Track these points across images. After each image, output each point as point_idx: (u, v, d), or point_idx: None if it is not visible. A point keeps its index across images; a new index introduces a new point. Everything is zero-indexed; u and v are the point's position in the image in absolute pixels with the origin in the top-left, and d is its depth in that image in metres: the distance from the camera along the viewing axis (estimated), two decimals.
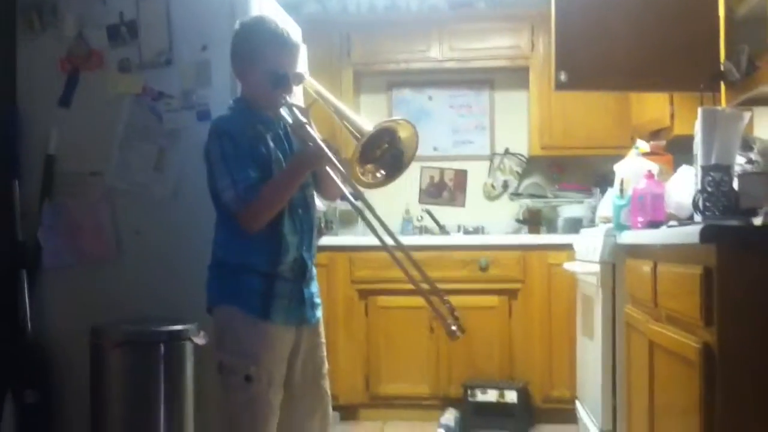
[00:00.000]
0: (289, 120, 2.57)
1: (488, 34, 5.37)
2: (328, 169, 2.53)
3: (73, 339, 3.23)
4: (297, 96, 2.99)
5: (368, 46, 5.45)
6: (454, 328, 2.38)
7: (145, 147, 3.40)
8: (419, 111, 5.68)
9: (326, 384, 2.75)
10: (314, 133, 2.53)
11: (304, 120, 2.55)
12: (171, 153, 3.39)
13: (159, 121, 3.40)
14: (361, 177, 2.58)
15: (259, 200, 2.48)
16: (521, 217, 5.52)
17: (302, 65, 3.47)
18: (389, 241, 2.57)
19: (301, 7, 5.40)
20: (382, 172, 2.62)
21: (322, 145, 2.48)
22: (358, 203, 2.57)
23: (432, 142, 5.67)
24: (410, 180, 5.61)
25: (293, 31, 2.66)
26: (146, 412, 3.08)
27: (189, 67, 3.39)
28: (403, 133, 2.60)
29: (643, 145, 3.99)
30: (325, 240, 4.88)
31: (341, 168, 2.49)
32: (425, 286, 2.49)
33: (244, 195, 2.47)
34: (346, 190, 2.55)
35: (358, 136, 2.53)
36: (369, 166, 2.61)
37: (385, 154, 2.61)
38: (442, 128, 5.72)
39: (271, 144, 2.60)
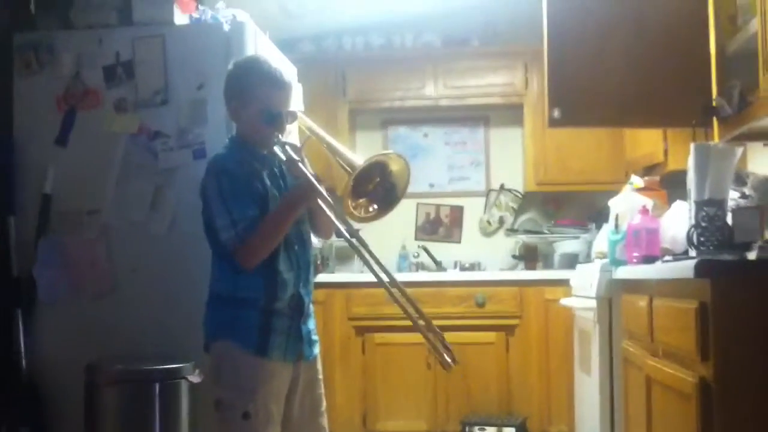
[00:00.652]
0: (283, 158, 2.58)
1: (482, 72, 5.41)
2: (321, 204, 2.52)
3: (68, 376, 3.22)
4: (292, 133, 3.01)
5: (363, 83, 5.48)
6: (447, 358, 2.39)
7: (142, 185, 3.39)
8: (415, 148, 5.71)
9: (324, 421, 2.73)
10: (307, 170, 2.54)
11: (297, 158, 2.56)
12: (167, 191, 3.39)
13: (155, 159, 3.40)
14: (354, 211, 2.59)
15: (256, 238, 2.48)
16: (517, 253, 5.53)
17: (297, 103, 3.50)
18: (385, 277, 2.56)
19: (296, 45, 5.44)
20: (375, 206, 2.63)
21: (314, 180, 2.49)
22: (353, 240, 2.58)
23: (428, 179, 5.70)
24: (406, 216, 5.61)
25: (286, 70, 2.68)
26: None
27: (185, 106, 3.40)
28: (395, 167, 2.61)
29: (637, 181, 4.00)
30: (322, 277, 4.88)
31: (332, 202, 2.49)
32: (422, 322, 2.49)
33: (243, 234, 2.47)
34: (341, 226, 2.55)
35: (350, 170, 2.54)
36: (361, 201, 2.62)
37: (377, 187, 2.63)
38: (437, 165, 5.74)
39: (267, 181, 2.61)
